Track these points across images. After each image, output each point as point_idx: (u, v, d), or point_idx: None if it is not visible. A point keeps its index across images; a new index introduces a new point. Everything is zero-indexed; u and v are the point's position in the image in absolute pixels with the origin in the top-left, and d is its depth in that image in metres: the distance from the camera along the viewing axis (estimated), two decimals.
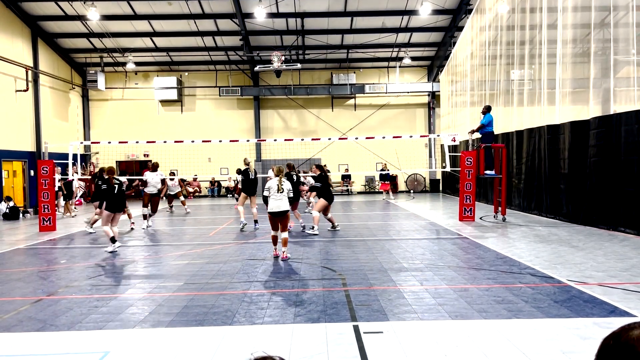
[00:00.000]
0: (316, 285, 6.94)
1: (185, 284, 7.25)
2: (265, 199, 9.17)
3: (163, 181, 15.19)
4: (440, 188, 28.39)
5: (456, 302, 5.97)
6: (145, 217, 13.94)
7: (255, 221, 13.26)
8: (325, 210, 12.37)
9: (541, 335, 4.81)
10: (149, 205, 14.08)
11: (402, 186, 28.63)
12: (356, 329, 5.09)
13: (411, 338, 4.82)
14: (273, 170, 9.66)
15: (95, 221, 13.13)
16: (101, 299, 6.53)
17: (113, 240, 10.16)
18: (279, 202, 8.92)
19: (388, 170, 24.95)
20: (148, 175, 14.58)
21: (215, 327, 5.29)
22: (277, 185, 8.94)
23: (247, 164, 13.89)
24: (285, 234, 9.01)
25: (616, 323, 4.99)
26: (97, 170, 22.08)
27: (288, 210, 9.07)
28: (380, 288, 6.72)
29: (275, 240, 9.14)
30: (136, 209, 15.86)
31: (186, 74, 28.72)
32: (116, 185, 10.43)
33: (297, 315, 5.61)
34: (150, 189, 14.36)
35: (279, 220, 8.98)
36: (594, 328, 4.95)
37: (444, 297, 6.22)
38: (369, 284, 6.93)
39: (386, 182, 24.48)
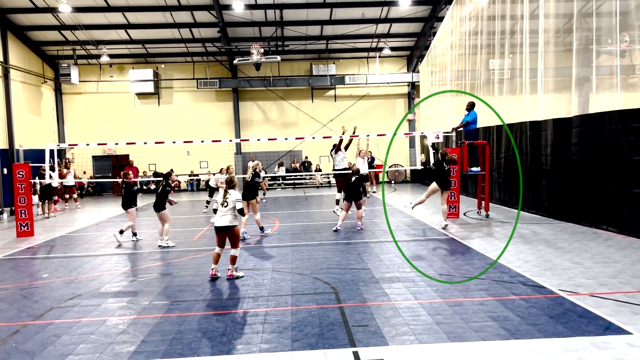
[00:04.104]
0: (310, 302, 6.86)
1: (175, 303, 7.09)
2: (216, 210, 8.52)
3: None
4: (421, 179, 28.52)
5: (452, 320, 5.96)
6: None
7: (261, 228, 12.40)
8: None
9: (541, 359, 4.82)
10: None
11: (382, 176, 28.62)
12: (356, 356, 5.03)
13: None
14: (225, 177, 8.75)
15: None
16: (89, 323, 6.34)
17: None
18: (223, 217, 8.19)
19: (373, 157, 24.85)
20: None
21: (212, 356, 5.17)
22: (222, 198, 8.27)
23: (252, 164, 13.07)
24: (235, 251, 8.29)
25: (613, 342, 5.06)
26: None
27: (233, 227, 8.23)
28: (375, 304, 6.67)
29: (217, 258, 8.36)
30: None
31: (163, 66, 28.17)
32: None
33: (294, 340, 5.52)
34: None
35: (225, 235, 8.29)
36: (592, 350, 4.98)
37: (440, 313, 6.20)
38: (363, 299, 6.88)
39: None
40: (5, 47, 22.51)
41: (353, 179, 12.63)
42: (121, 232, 11.90)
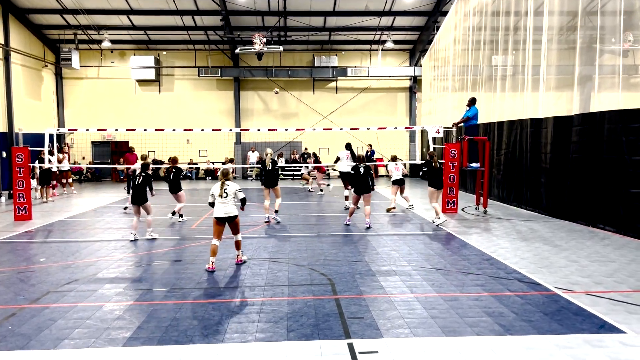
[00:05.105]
0: (306, 293, 6.88)
1: (171, 290, 7.12)
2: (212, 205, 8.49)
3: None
4: (420, 173, 28.50)
5: (447, 314, 5.98)
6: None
7: (276, 211, 13.11)
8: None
9: (535, 355, 4.84)
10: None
11: (381, 170, 28.62)
12: (351, 348, 5.05)
13: (406, 359, 4.80)
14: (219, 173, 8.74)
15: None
16: (86, 308, 6.36)
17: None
18: (226, 207, 8.29)
19: (373, 150, 24.95)
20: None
21: (208, 344, 5.19)
22: (220, 189, 8.32)
23: (266, 154, 13.25)
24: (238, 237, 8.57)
25: (607, 341, 5.08)
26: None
27: (236, 216, 8.39)
28: (370, 296, 6.69)
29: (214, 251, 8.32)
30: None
31: (164, 53, 28.03)
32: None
33: (289, 330, 5.54)
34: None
35: (224, 225, 8.39)
36: (586, 347, 5.01)
37: (435, 307, 6.22)
38: (359, 292, 6.90)
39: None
40: (7, 30, 22.37)
41: (362, 170, 11.88)
42: (173, 213, 13.23)
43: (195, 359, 4.85)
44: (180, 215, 13.23)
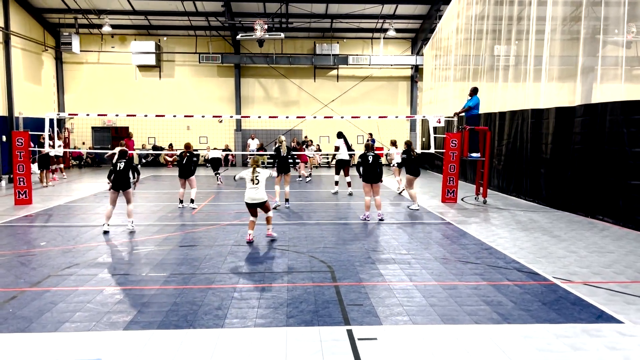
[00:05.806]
0: (306, 279, 6.91)
1: (171, 275, 7.14)
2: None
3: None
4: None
5: (446, 303, 6.01)
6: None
7: (287, 200, 13.41)
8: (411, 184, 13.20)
9: (533, 344, 4.87)
10: None
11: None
12: (350, 334, 5.09)
13: (405, 346, 4.83)
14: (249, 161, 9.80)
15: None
16: (87, 292, 6.39)
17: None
18: (257, 192, 9.07)
19: (374, 139, 24.92)
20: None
21: (207, 329, 5.22)
22: (251, 175, 9.08)
23: (280, 141, 13.62)
24: (270, 213, 9.41)
25: (605, 330, 5.12)
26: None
27: (266, 201, 9.22)
28: (370, 284, 6.72)
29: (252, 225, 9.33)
30: None
31: (165, 38, 27.87)
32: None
33: (289, 316, 5.57)
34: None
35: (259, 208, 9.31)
36: (584, 337, 5.04)
37: (434, 295, 6.26)
38: (358, 279, 6.93)
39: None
40: (7, 13, 22.21)
41: (370, 158, 11.43)
42: (181, 201, 13.45)
43: (196, 344, 4.89)
44: (192, 201, 13.33)
